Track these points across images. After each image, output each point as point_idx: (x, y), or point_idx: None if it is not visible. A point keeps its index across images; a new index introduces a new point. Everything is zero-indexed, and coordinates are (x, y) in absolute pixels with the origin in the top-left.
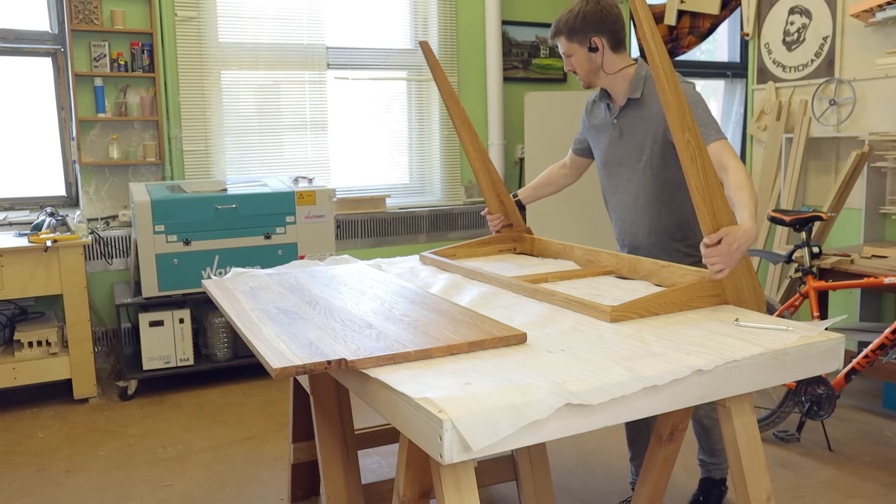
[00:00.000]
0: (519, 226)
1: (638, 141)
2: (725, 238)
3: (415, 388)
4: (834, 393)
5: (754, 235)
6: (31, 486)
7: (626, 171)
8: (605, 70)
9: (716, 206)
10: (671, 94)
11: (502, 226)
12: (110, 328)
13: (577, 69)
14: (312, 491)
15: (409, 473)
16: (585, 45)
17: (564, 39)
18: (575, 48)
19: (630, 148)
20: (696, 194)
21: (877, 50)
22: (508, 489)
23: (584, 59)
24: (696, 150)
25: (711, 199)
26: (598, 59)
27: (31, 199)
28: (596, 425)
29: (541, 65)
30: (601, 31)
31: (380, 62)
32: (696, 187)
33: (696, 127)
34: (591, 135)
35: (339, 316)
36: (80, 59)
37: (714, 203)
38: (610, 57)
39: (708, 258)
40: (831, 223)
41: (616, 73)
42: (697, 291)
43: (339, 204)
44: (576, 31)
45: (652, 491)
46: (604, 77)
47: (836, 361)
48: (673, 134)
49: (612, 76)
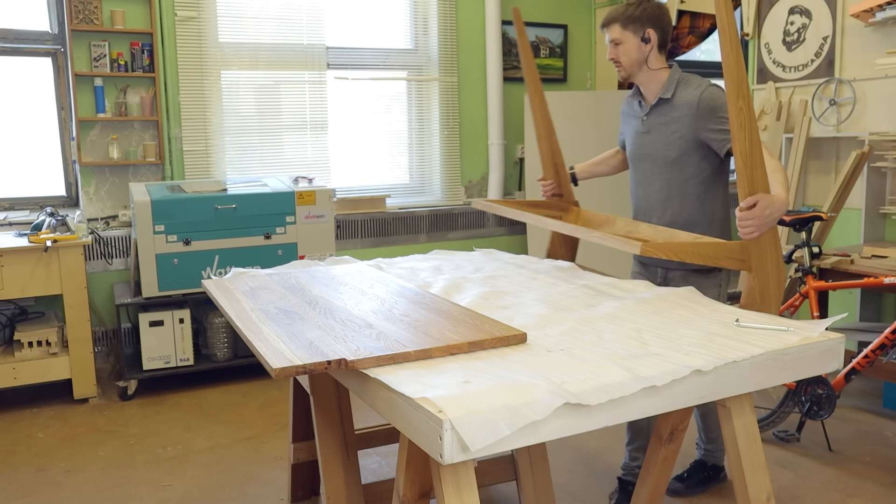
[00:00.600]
0: (569, 197)
1: (665, 139)
2: (760, 202)
3: (414, 388)
4: (834, 393)
5: (786, 206)
6: (31, 486)
7: (650, 165)
8: (648, 65)
9: (755, 174)
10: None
11: (552, 193)
12: (110, 328)
13: (622, 58)
14: (312, 491)
15: (409, 473)
16: (639, 34)
17: (619, 27)
18: (629, 36)
19: (657, 145)
20: (739, 159)
21: (877, 50)
22: (508, 489)
23: (634, 48)
24: (747, 119)
25: (753, 167)
26: (646, 50)
27: (31, 199)
28: (595, 425)
29: (541, 65)
30: (656, 26)
31: (380, 62)
32: (741, 152)
33: (751, 98)
34: (625, 128)
35: (339, 316)
36: (80, 59)
37: (754, 171)
38: (655, 53)
39: (741, 220)
40: (831, 223)
41: (655, 70)
42: (724, 251)
43: (339, 204)
44: (634, 19)
45: (652, 491)
46: (645, 72)
47: (836, 361)
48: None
49: (650, 73)
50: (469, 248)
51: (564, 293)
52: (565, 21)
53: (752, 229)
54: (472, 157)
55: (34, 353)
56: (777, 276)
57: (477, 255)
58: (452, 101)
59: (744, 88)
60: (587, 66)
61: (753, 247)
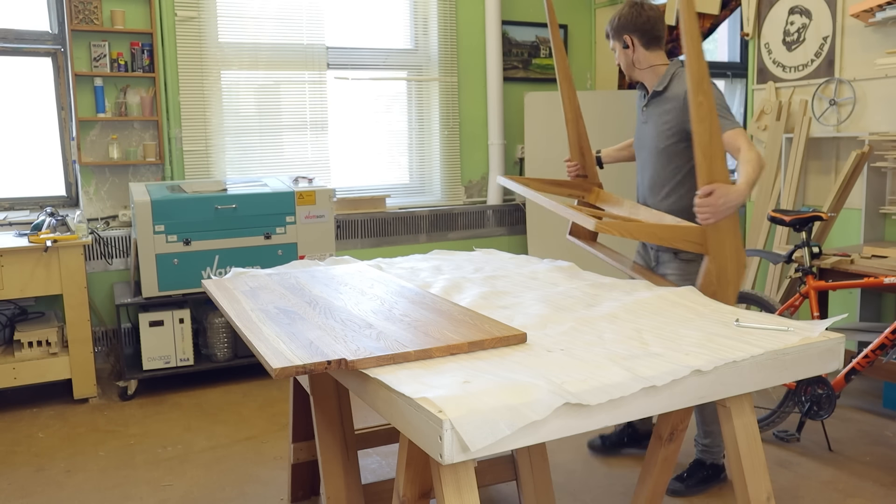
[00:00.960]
0: (593, 179)
1: (657, 129)
2: (716, 191)
3: (414, 388)
4: (834, 393)
5: (742, 197)
6: (31, 486)
7: (646, 153)
8: (636, 65)
9: (714, 165)
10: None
11: (577, 174)
12: (110, 328)
13: (620, 64)
14: (312, 491)
15: (409, 473)
16: (621, 42)
17: (610, 39)
18: (617, 46)
19: (652, 134)
20: (699, 150)
21: (877, 50)
22: (508, 489)
23: (622, 55)
24: (707, 113)
25: (712, 157)
26: (631, 55)
27: (31, 199)
28: (595, 425)
29: (541, 65)
30: (633, 31)
31: (380, 62)
32: (700, 143)
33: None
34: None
35: (339, 316)
36: (80, 59)
37: (713, 162)
38: (642, 53)
39: (699, 207)
40: (831, 223)
41: (648, 68)
42: (681, 233)
43: (339, 204)
44: (615, 32)
45: (652, 491)
46: (638, 71)
47: (836, 361)
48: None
49: (645, 71)
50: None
51: (564, 293)
52: (565, 21)
53: (708, 216)
54: (472, 157)
55: (34, 353)
56: (736, 261)
57: (477, 255)
58: (452, 101)
59: (704, 84)
60: (587, 66)
61: (712, 232)
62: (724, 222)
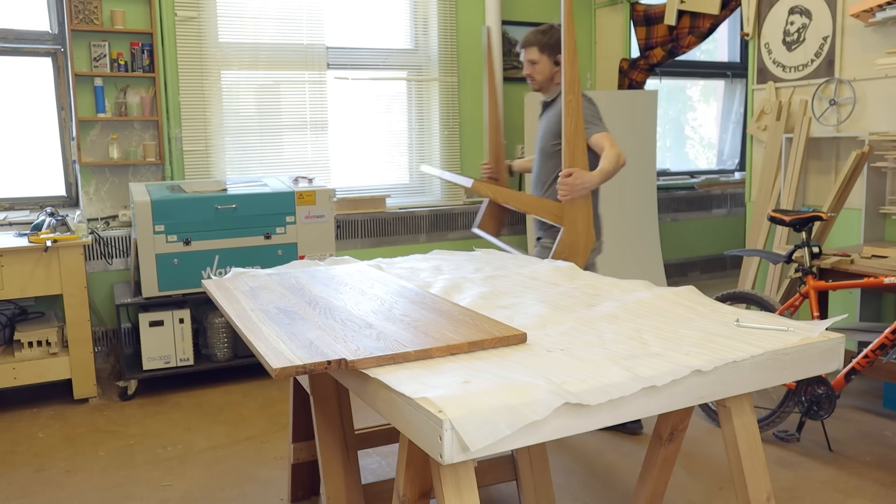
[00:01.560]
0: (503, 183)
1: (542, 131)
2: (574, 173)
3: (414, 388)
4: (834, 393)
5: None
6: (31, 486)
7: (535, 155)
8: (554, 80)
9: (576, 152)
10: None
11: (490, 177)
12: (110, 328)
13: (536, 76)
14: (312, 491)
15: (409, 473)
16: (552, 58)
17: (537, 50)
18: (544, 59)
19: (539, 136)
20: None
21: (877, 50)
22: (508, 489)
23: (548, 69)
24: (574, 109)
25: (574, 146)
26: (556, 70)
27: (31, 199)
28: (595, 425)
29: None
30: (559, 51)
31: (380, 62)
32: (566, 134)
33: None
34: None
35: (339, 316)
36: (80, 59)
37: (575, 150)
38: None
39: (560, 185)
40: (831, 223)
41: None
42: (543, 205)
43: (339, 204)
44: (549, 46)
45: (652, 491)
46: (552, 85)
47: (836, 361)
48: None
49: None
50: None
51: (564, 293)
52: None
53: (566, 192)
54: (472, 157)
55: (34, 353)
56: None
57: (477, 255)
58: (452, 101)
59: (575, 85)
60: (587, 66)
61: (568, 208)
62: (579, 201)
